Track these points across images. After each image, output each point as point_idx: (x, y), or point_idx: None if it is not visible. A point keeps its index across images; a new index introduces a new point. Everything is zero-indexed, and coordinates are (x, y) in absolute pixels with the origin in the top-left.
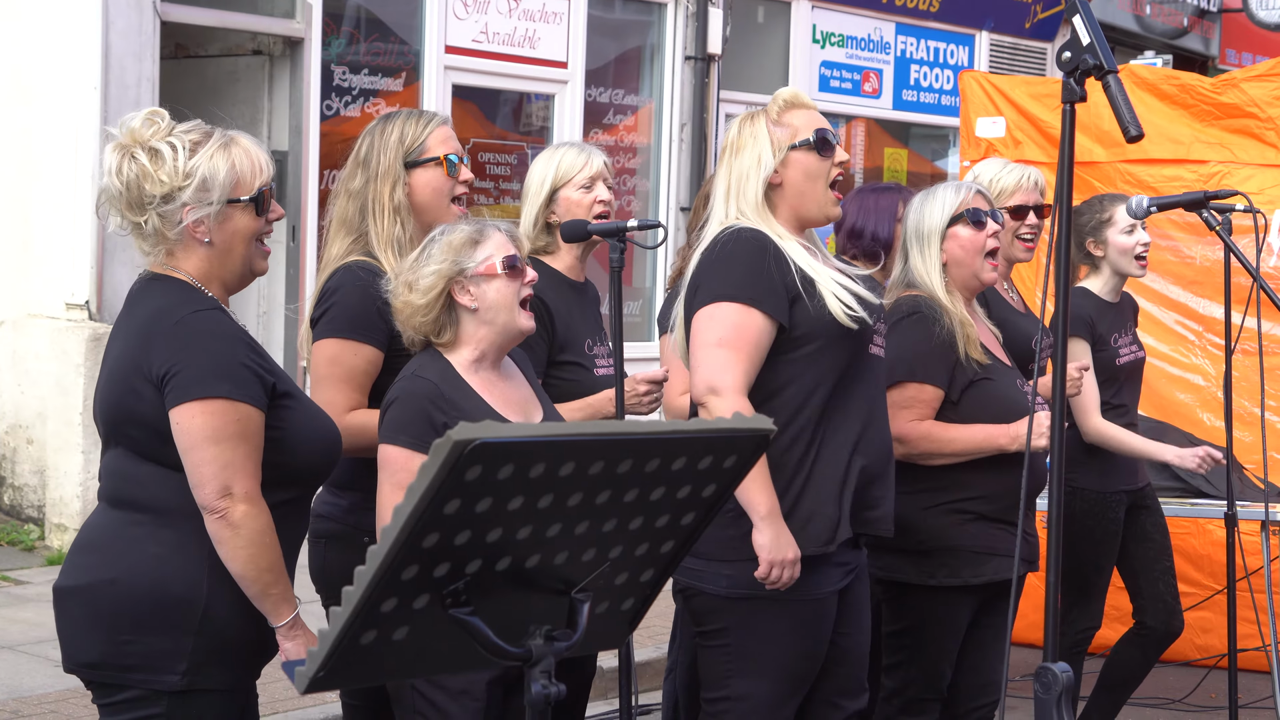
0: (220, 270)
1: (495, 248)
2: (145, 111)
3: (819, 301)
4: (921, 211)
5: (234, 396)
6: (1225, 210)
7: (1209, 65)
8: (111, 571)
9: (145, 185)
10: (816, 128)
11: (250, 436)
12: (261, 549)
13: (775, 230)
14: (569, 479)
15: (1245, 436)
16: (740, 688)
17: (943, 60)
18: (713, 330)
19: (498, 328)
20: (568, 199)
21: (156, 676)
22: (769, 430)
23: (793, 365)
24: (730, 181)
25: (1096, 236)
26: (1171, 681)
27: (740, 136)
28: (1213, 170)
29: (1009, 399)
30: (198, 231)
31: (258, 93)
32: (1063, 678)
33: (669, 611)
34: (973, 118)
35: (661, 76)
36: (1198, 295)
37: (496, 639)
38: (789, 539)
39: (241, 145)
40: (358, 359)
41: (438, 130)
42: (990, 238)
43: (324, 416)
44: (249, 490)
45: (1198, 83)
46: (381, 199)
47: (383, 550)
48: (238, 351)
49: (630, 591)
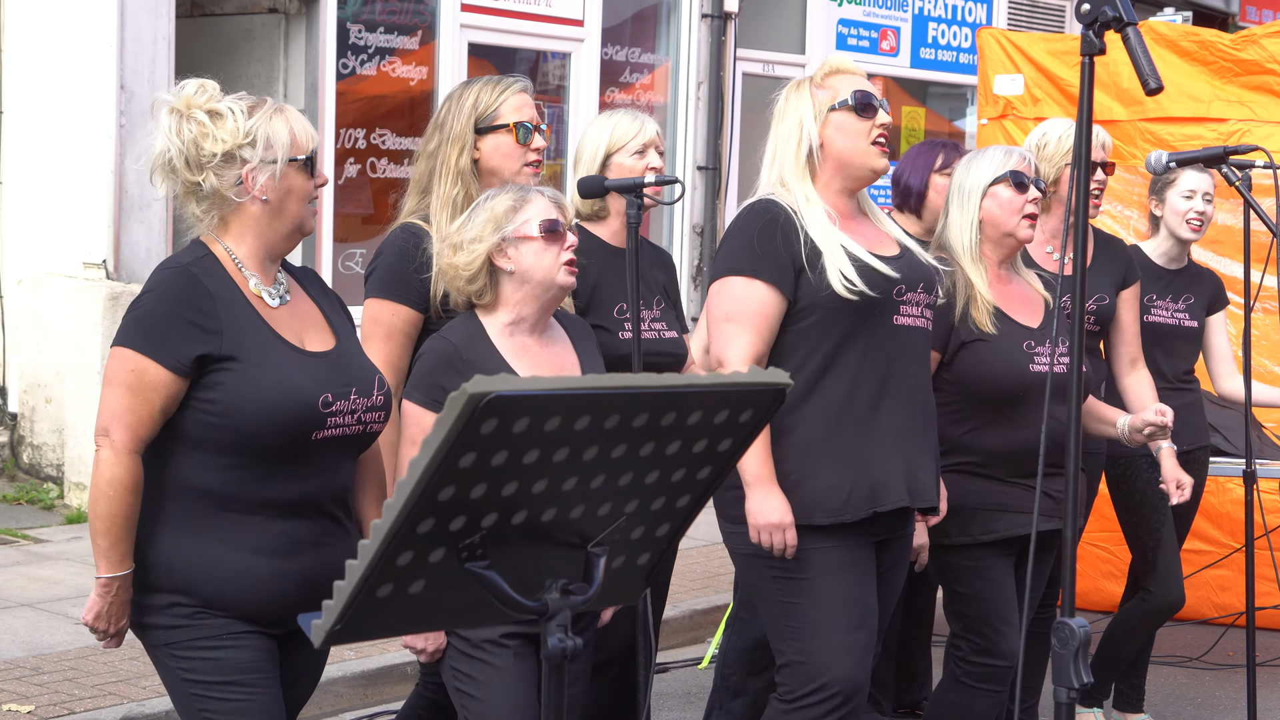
0: (269, 229)
1: (535, 212)
2: (194, 80)
3: (820, 273)
4: (969, 169)
5: (138, 349)
6: (1245, 166)
7: (1229, 22)
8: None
9: (205, 144)
10: (856, 89)
11: (142, 390)
12: (103, 498)
13: (805, 194)
14: (585, 432)
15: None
16: (793, 650)
17: (961, 18)
18: (720, 305)
19: (535, 289)
20: (621, 165)
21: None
22: (785, 384)
23: (794, 335)
24: (774, 146)
25: (1160, 196)
26: (1190, 639)
27: (786, 104)
28: (1232, 129)
29: (1005, 360)
30: (255, 189)
31: (273, 51)
32: (1080, 633)
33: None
34: (990, 75)
35: (678, 35)
36: (1218, 254)
37: (512, 592)
38: (775, 503)
39: (291, 111)
40: (395, 318)
41: (513, 97)
42: (1030, 203)
43: (286, 381)
44: (121, 441)
45: (1217, 39)
46: (449, 161)
47: (398, 504)
48: (171, 311)
49: (646, 546)
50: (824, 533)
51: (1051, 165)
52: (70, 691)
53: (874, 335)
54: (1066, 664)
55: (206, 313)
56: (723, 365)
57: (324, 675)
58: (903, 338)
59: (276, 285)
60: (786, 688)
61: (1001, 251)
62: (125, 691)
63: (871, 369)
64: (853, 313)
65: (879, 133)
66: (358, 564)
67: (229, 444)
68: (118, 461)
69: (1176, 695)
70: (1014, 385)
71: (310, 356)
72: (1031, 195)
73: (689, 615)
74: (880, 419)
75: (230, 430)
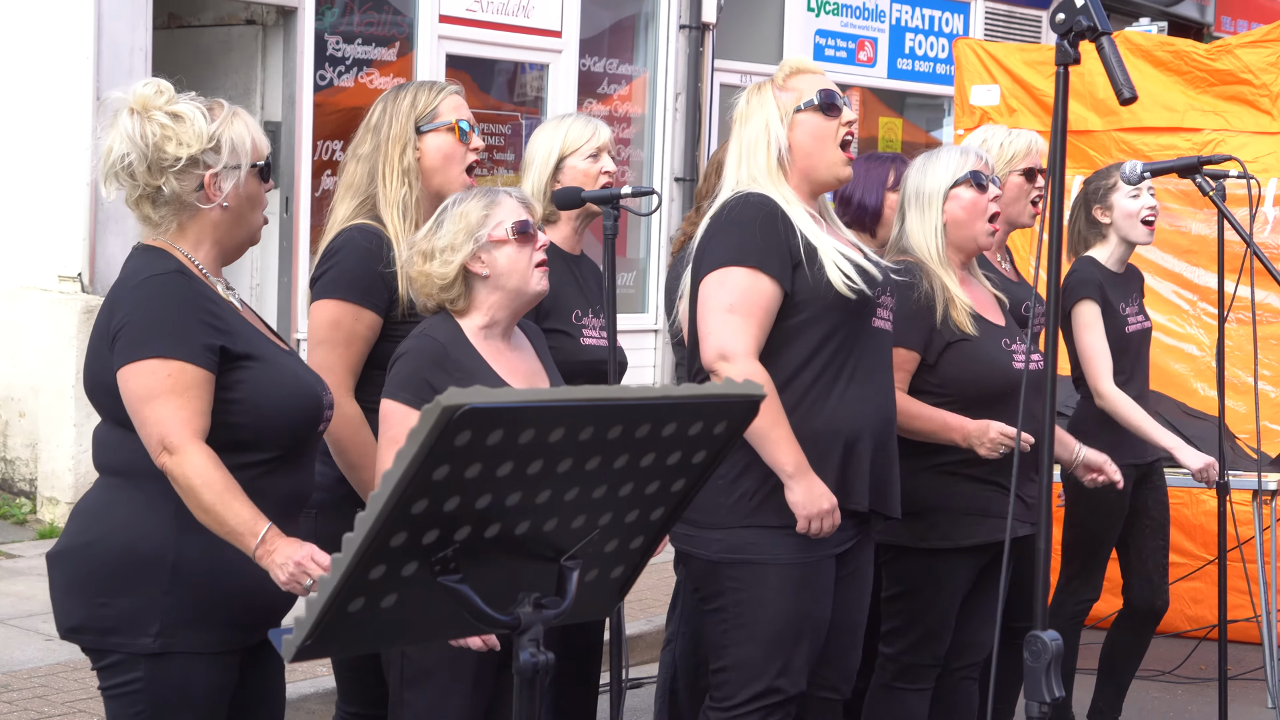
0: (226, 235)
1: (506, 213)
2: (148, 80)
3: (819, 270)
4: (924, 172)
5: (166, 354)
6: (1219, 176)
7: (1204, 33)
8: (88, 535)
9: (168, 148)
10: (821, 89)
11: (184, 390)
12: (194, 490)
13: (784, 196)
14: (559, 445)
15: (1239, 406)
16: (737, 655)
17: (938, 28)
18: (722, 295)
19: (509, 293)
20: (573, 169)
21: (132, 639)
22: (759, 396)
23: (789, 331)
24: (741, 150)
25: (1103, 203)
26: (1162, 653)
27: (748, 106)
28: (1207, 138)
29: (990, 359)
30: (218, 195)
31: (251, 63)
32: (1052, 646)
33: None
34: (967, 85)
35: (656, 46)
36: (1192, 265)
37: (485, 607)
38: (821, 489)
39: (246, 115)
40: (359, 324)
41: (451, 98)
42: (991, 201)
43: (296, 379)
44: (178, 440)
45: (1192, 49)
46: (391, 161)
47: (371, 516)
48: (182, 312)
49: (620, 559)
50: (794, 539)
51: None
52: (40, 709)
53: (858, 336)
54: (1039, 677)
55: (214, 314)
56: (726, 358)
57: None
58: (878, 340)
59: (230, 290)
60: (724, 693)
61: (963, 255)
62: (96, 709)
63: (855, 370)
64: (845, 311)
65: (846, 131)
66: (329, 577)
67: (246, 442)
68: (192, 453)
69: (1149, 709)
70: (1001, 383)
71: (295, 355)
72: (992, 194)
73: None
74: (860, 420)
75: (251, 428)
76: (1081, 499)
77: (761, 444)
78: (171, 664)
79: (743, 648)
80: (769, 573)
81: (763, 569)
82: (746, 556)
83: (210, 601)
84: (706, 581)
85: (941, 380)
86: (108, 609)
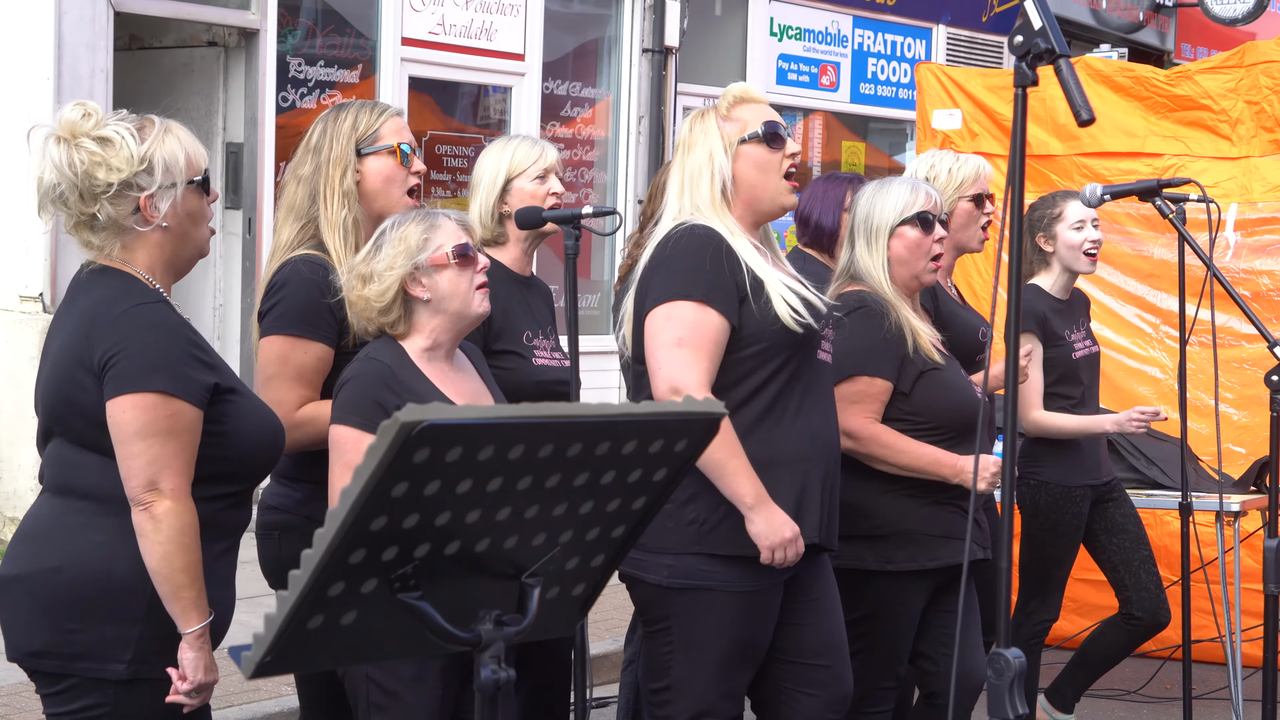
0: (173, 255)
1: (446, 237)
2: (74, 104)
3: (766, 303)
4: (873, 203)
5: (169, 391)
6: (1179, 200)
7: (1165, 59)
8: (56, 559)
9: (98, 174)
10: (765, 120)
11: (181, 433)
12: (178, 548)
13: (728, 227)
14: (518, 462)
15: (1201, 428)
16: (680, 676)
17: (900, 54)
18: (670, 330)
19: (451, 316)
20: (521, 190)
21: (102, 665)
22: (720, 414)
23: (737, 364)
24: (683, 178)
25: (1047, 232)
26: (1127, 673)
27: (692, 134)
28: (1167, 164)
29: (960, 389)
30: (156, 216)
31: (212, 85)
32: (1015, 664)
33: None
34: (929, 110)
35: (619, 69)
36: (1154, 288)
37: (445, 624)
38: (782, 518)
39: (180, 129)
40: (307, 356)
41: (391, 120)
42: (936, 242)
43: (267, 412)
44: (175, 487)
45: (1152, 75)
46: (332, 183)
47: (329, 533)
48: (179, 346)
49: (581, 577)
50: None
51: (943, 199)
52: None
53: (804, 368)
54: (1002, 695)
55: (202, 347)
56: (678, 392)
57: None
58: (822, 371)
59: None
60: (664, 712)
61: (909, 290)
62: None
63: (802, 403)
64: (792, 344)
65: (790, 163)
66: (288, 594)
67: (224, 474)
68: (182, 508)
69: None
70: (974, 411)
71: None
72: (938, 235)
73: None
74: (807, 453)
75: (231, 461)
76: (1037, 520)
77: (719, 476)
78: (141, 690)
79: (685, 669)
80: (716, 599)
81: (710, 596)
82: (695, 583)
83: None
84: (653, 606)
85: (916, 409)
86: (78, 635)
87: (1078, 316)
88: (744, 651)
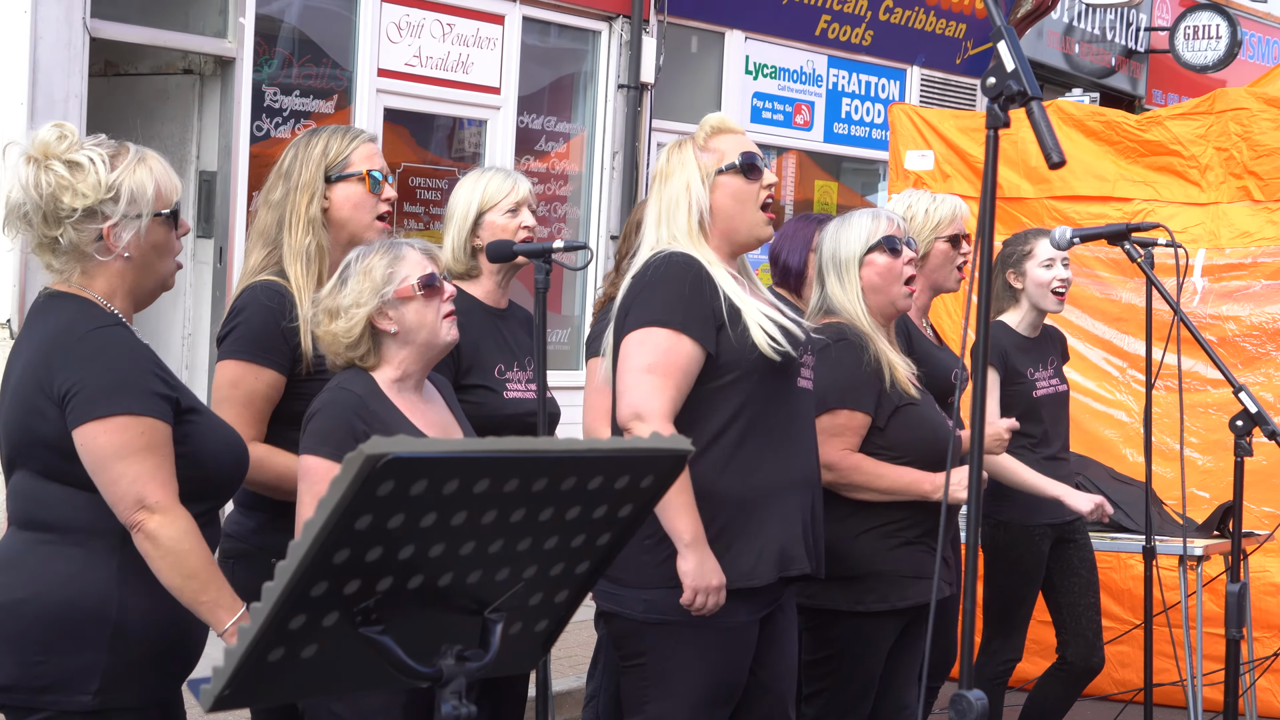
0: (135, 285)
1: (411, 268)
2: (51, 124)
3: (743, 331)
4: (837, 239)
5: (136, 411)
6: (1148, 244)
7: (1136, 104)
8: (20, 591)
9: (64, 198)
10: (743, 151)
11: (158, 448)
12: (182, 556)
13: (705, 257)
14: (483, 496)
15: (1166, 472)
16: (656, 712)
17: (874, 94)
18: (642, 355)
19: (419, 347)
20: (493, 224)
21: (69, 697)
22: (687, 451)
23: (716, 393)
24: (661, 209)
25: (1017, 269)
26: (1089, 716)
27: (669, 164)
28: (1137, 208)
29: (933, 424)
30: (119, 246)
31: (188, 112)
32: (977, 705)
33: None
34: (902, 150)
35: (594, 104)
36: (1122, 332)
37: (407, 658)
38: (713, 565)
39: (156, 160)
40: (259, 382)
41: (363, 147)
42: (906, 265)
43: (230, 430)
44: (162, 499)
45: (1123, 119)
46: (298, 210)
47: (291, 565)
48: (140, 366)
49: (544, 612)
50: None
51: (919, 239)
52: None
53: (783, 396)
54: None
55: (161, 366)
56: (641, 418)
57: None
58: (802, 400)
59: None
60: None
61: (884, 319)
62: None
63: (783, 432)
64: (770, 372)
65: (766, 194)
66: (249, 627)
67: (190, 495)
68: (175, 517)
69: None
70: (945, 446)
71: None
72: (907, 256)
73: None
74: (787, 482)
75: (196, 481)
76: (999, 560)
77: (662, 509)
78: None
79: (661, 705)
80: (693, 635)
81: (688, 631)
82: (672, 618)
83: (149, 658)
84: (629, 641)
85: (891, 443)
86: (44, 667)
87: (1046, 355)
88: (721, 688)
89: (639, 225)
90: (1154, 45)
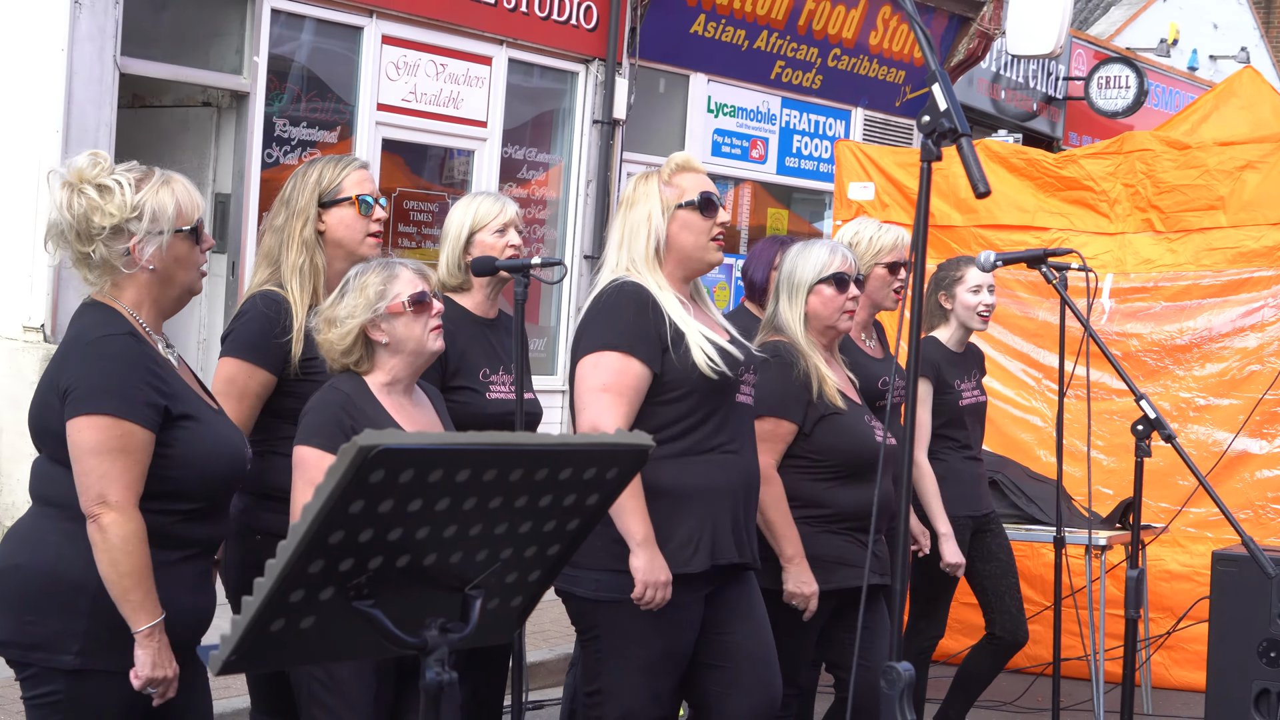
0: (160, 294)
1: (403, 286)
2: (88, 153)
3: (685, 353)
4: (795, 263)
5: (119, 414)
6: (1062, 268)
7: (1054, 145)
8: (20, 557)
9: (94, 218)
10: (702, 190)
11: (132, 451)
12: (123, 554)
13: (657, 282)
14: (465, 484)
15: (1075, 471)
16: (610, 681)
17: (822, 132)
18: (596, 376)
19: (408, 356)
20: (483, 242)
21: (54, 656)
22: (648, 445)
23: (662, 407)
24: (624, 233)
25: (949, 291)
26: (1004, 686)
27: (635, 193)
28: (1054, 237)
29: (856, 432)
30: (143, 259)
31: (205, 141)
32: (905, 676)
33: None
34: (846, 182)
35: (571, 138)
36: (1039, 346)
37: (395, 629)
38: (662, 563)
39: (179, 182)
40: (251, 381)
41: (354, 174)
42: (849, 300)
43: (230, 436)
44: (121, 499)
45: (1042, 158)
46: (293, 233)
47: (292, 545)
48: (134, 374)
49: (519, 590)
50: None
51: (863, 262)
52: None
53: (722, 410)
54: (893, 705)
55: (160, 376)
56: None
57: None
58: (742, 414)
59: (170, 349)
60: (596, 714)
61: (825, 339)
62: None
63: (721, 439)
64: (709, 389)
65: (718, 230)
66: (253, 599)
67: (175, 493)
68: (127, 518)
69: None
70: (869, 454)
71: (222, 414)
72: (852, 293)
73: (563, 658)
74: (724, 485)
75: (181, 481)
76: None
77: (617, 512)
78: (90, 681)
79: (613, 675)
80: (638, 612)
81: (633, 608)
82: (619, 596)
83: (126, 626)
84: (584, 616)
85: (816, 449)
86: (34, 627)
87: (970, 369)
88: (665, 658)
89: None
90: (1071, 93)
